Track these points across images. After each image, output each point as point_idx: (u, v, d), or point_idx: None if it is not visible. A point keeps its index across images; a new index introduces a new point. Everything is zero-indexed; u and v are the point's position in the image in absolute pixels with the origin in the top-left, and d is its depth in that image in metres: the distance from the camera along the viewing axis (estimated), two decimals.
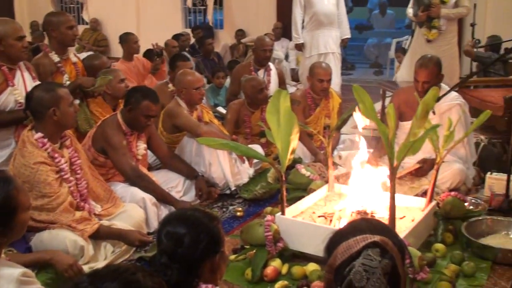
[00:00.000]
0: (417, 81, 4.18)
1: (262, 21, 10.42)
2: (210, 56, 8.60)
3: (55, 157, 3.16)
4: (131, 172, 3.80)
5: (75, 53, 4.77)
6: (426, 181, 4.11)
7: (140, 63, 6.53)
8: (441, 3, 6.21)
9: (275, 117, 3.07)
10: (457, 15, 6.31)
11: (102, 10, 12.24)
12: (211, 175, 4.29)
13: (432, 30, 6.35)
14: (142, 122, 3.85)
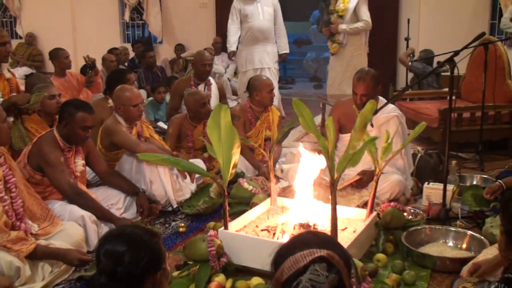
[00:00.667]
0: (356, 94, 4.27)
1: (201, 36, 10.44)
2: (153, 69, 8.52)
3: None
4: (69, 190, 3.70)
5: (9, 68, 4.63)
6: (366, 193, 4.18)
7: (73, 78, 6.38)
8: (338, 18, 6.57)
9: (216, 132, 3.06)
10: (354, 30, 6.64)
11: (37, 24, 11.96)
12: (152, 192, 4.23)
13: (333, 44, 6.79)
14: (81, 134, 3.77)
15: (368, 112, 3.08)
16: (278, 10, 7.15)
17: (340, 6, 6.59)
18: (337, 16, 6.61)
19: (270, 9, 7.04)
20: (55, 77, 6.27)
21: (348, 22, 6.59)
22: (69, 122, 3.73)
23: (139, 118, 4.51)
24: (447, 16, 8.41)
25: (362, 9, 6.61)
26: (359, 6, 6.59)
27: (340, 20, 6.61)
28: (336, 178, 2.98)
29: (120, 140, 4.32)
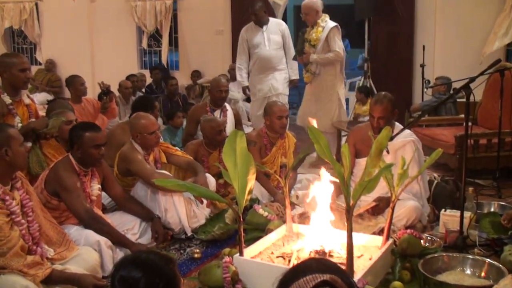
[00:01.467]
0: (373, 117, 4.29)
1: (217, 62, 10.52)
2: (174, 97, 8.57)
3: (6, 200, 3.08)
4: (85, 215, 3.72)
5: (28, 94, 4.70)
6: (382, 219, 4.15)
7: (89, 104, 6.44)
8: (311, 48, 6.47)
9: (232, 158, 3.08)
10: (325, 60, 6.46)
11: (56, 51, 12.16)
12: (167, 220, 4.24)
13: (307, 73, 6.68)
14: (94, 154, 3.79)
15: (383, 139, 3.08)
16: (287, 37, 7.14)
17: (313, 36, 6.47)
18: (310, 46, 6.51)
19: (277, 37, 7.02)
20: (72, 103, 6.33)
21: (319, 52, 6.43)
22: (80, 144, 3.77)
23: (156, 144, 4.54)
24: (462, 42, 8.40)
25: (334, 39, 6.41)
26: (330, 36, 6.40)
27: (312, 49, 6.48)
28: (352, 205, 2.97)
29: (136, 170, 4.34)
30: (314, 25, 6.49)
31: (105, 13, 11.53)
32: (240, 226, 3.17)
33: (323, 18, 6.49)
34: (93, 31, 11.76)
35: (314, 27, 6.48)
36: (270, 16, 7.33)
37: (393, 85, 8.48)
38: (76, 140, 3.79)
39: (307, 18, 6.54)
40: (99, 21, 11.66)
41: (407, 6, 8.77)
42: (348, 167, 2.99)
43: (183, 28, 10.99)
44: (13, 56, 4.54)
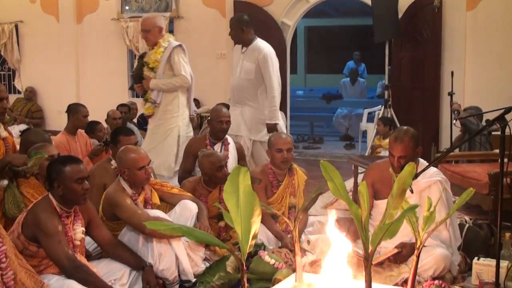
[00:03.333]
0: (393, 156, 4.27)
1: (218, 90, 10.58)
2: None
3: None
4: (67, 263, 3.70)
5: (5, 126, 4.73)
6: (406, 268, 4.12)
7: (83, 140, 6.52)
8: (150, 72, 6.14)
9: (234, 198, 3.07)
10: (169, 86, 6.15)
11: (37, 78, 12.28)
12: (159, 268, 4.19)
13: (146, 103, 6.30)
14: (77, 189, 3.78)
15: (407, 176, 3.08)
16: (264, 69, 6.42)
17: (151, 57, 6.15)
18: (148, 69, 6.17)
19: (249, 65, 6.45)
20: (65, 133, 6.44)
21: (160, 76, 6.13)
22: (60, 181, 3.76)
23: (146, 182, 4.54)
24: (496, 69, 8.46)
25: (179, 61, 6.15)
26: (174, 58, 6.14)
27: (151, 74, 6.15)
28: (371, 252, 2.96)
29: (123, 216, 4.31)
30: (154, 46, 6.21)
31: (93, 35, 11.70)
32: (243, 276, 3.15)
33: (166, 38, 6.24)
34: (79, 55, 11.90)
35: (154, 48, 6.21)
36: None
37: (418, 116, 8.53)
38: (56, 176, 3.78)
39: (148, 36, 6.20)
40: (86, 44, 11.81)
41: (433, 28, 8.85)
42: (366, 208, 2.99)
43: None
44: None
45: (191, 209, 4.60)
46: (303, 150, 10.72)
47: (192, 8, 10.85)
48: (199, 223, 4.54)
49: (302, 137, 11.93)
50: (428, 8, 8.77)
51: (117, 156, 4.59)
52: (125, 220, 4.33)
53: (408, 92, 9.17)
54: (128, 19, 11.23)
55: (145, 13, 11.13)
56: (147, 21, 6.16)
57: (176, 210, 4.60)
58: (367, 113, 10.41)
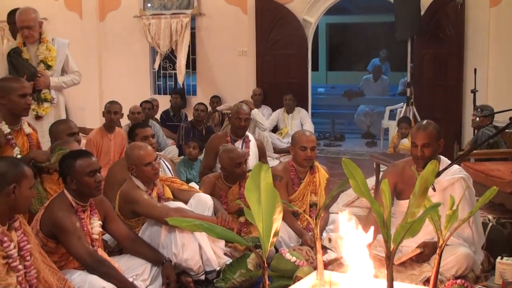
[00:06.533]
0: (416, 146, 4.26)
1: (240, 87, 10.61)
2: (200, 126, 8.54)
3: (4, 241, 3.10)
4: (89, 258, 3.72)
5: (29, 122, 4.77)
6: (428, 267, 4.09)
7: (119, 138, 6.64)
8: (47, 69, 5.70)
9: (255, 195, 3.06)
10: (70, 84, 5.92)
11: None
12: (183, 258, 4.21)
13: (44, 104, 5.68)
14: (90, 182, 3.80)
15: (429, 175, 3.05)
16: None
17: (47, 54, 5.70)
18: (46, 67, 5.68)
19: None
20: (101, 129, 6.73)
21: (58, 74, 5.77)
22: (72, 175, 3.79)
23: (155, 177, 4.56)
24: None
25: (72, 58, 5.95)
26: (68, 56, 5.91)
27: (49, 72, 5.68)
28: (393, 250, 2.93)
29: (144, 212, 4.35)
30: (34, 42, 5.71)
31: (115, 32, 11.76)
32: (264, 273, 3.14)
33: (45, 33, 5.84)
34: (102, 52, 11.97)
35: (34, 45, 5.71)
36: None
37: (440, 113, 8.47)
38: (68, 171, 3.81)
39: (31, 33, 5.64)
40: (108, 42, 11.88)
41: (456, 25, 8.78)
42: (389, 206, 2.96)
43: (202, 49, 11.13)
44: (12, 81, 4.62)
45: (207, 202, 4.61)
46: (324, 147, 10.68)
47: (214, 6, 10.87)
48: (219, 214, 4.55)
49: (324, 134, 11.89)
50: (451, 5, 8.69)
51: (125, 153, 4.62)
52: (146, 214, 4.34)
53: (431, 89, 9.11)
54: (150, 17, 11.27)
55: (167, 10, 11.18)
56: (29, 17, 5.64)
57: (192, 203, 4.61)
58: (389, 111, 10.34)
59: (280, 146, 9.34)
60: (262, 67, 10.46)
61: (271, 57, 10.38)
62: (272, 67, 10.42)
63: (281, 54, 10.29)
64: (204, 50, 11.13)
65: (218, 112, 9.98)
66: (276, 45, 10.30)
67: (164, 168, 5.41)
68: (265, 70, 10.45)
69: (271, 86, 10.36)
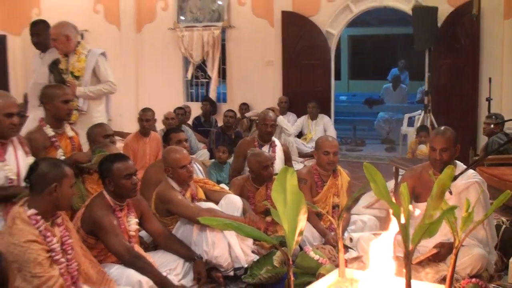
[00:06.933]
0: (434, 150, 4.25)
1: (267, 95, 10.61)
2: (229, 131, 8.61)
3: (47, 236, 3.16)
4: (126, 253, 3.76)
5: (72, 126, 4.84)
6: (444, 267, 4.06)
7: (155, 142, 6.69)
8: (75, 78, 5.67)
9: (282, 196, 3.07)
10: (98, 93, 5.73)
11: None
12: (214, 255, 4.24)
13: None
14: (127, 185, 3.85)
15: (446, 179, 3.02)
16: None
17: (76, 65, 5.69)
18: (73, 77, 5.67)
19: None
20: (138, 133, 6.81)
21: (87, 84, 5.67)
22: (110, 177, 3.84)
23: (189, 179, 4.59)
24: None
25: (105, 68, 5.79)
26: (99, 65, 5.76)
27: (77, 81, 5.64)
28: (411, 250, 2.92)
29: (178, 211, 4.39)
30: (68, 54, 5.73)
31: (151, 43, 11.84)
32: (289, 270, 3.14)
33: (83, 45, 5.84)
34: (138, 62, 12.07)
35: (70, 56, 5.73)
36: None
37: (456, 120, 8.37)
38: (106, 174, 3.86)
39: (55, 45, 5.74)
40: (145, 52, 11.97)
41: (471, 36, 8.69)
42: (407, 208, 2.95)
43: (232, 59, 11.16)
44: (56, 88, 4.70)
45: (236, 202, 4.64)
46: (346, 152, 10.63)
47: (243, 18, 10.89)
48: (247, 214, 4.57)
49: (345, 140, 11.84)
50: (466, 17, 8.60)
51: (162, 156, 4.67)
52: (179, 213, 4.38)
53: (447, 97, 9.02)
54: (184, 29, 11.33)
55: (199, 23, 11.24)
56: (54, 30, 5.74)
57: (222, 203, 4.63)
58: (407, 118, 10.27)
59: (304, 151, 9.34)
60: (287, 76, 10.46)
61: (296, 67, 10.38)
62: (297, 76, 10.41)
63: (305, 64, 10.28)
64: (233, 60, 11.16)
65: (247, 118, 10.00)
66: (301, 55, 10.29)
67: (196, 170, 5.44)
68: (291, 79, 10.45)
69: (296, 94, 10.35)
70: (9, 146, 3.89)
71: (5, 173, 3.79)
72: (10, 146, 3.89)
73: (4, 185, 3.78)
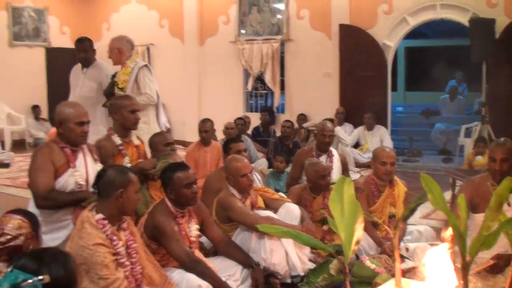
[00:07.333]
0: (494, 160, 4.17)
1: (324, 106, 10.57)
2: (287, 141, 8.61)
3: (113, 240, 3.22)
4: (186, 258, 3.79)
5: (138, 135, 4.94)
6: (502, 279, 3.93)
7: (215, 151, 6.74)
8: (119, 91, 5.79)
9: (339, 205, 3.04)
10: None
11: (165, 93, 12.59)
12: (272, 262, 4.23)
13: None
14: (187, 194, 3.88)
15: (504, 190, 2.93)
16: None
17: (120, 77, 5.83)
18: (118, 89, 5.80)
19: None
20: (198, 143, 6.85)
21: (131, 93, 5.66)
22: (172, 186, 3.87)
23: (250, 188, 4.60)
24: None
25: (144, 80, 5.78)
26: (140, 78, 5.78)
27: (121, 93, 5.75)
28: (469, 261, 2.84)
29: (237, 218, 4.39)
30: (122, 66, 5.93)
31: (214, 56, 12.00)
32: (346, 278, 3.10)
33: (132, 59, 5.93)
34: (200, 74, 12.25)
35: (122, 68, 5.92)
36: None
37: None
38: (168, 182, 3.90)
39: (110, 56, 6.02)
40: (207, 64, 12.14)
41: None
42: (465, 219, 2.87)
43: (290, 71, 11.18)
44: (123, 98, 4.81)
45: (295, 211, 4.62)
46: (402, 163, 10.45)
47: (301, 32, 10.91)
48: (304, 223, 4.54)
49: (402, 150, 11.64)
50: None
51: (224, 164, 4.69)
52: (239, 221, 4.39)
53: (505, 109, 8.78)
54: (244, 42, 11.43)
55: (259, 36, 11.31)
56: (110, 43, 6.02)
57: (281, 212, 4.62)
58: (464, 129, 10.03)
59: (360, 161, 9.26)
60: (344, 87, 10.41)
61: (353, 78, 10.31)
62: (354, 88, 10.34)
63: (362, 75, 10.21)
64: (291, 72, 11.18)
65: (304, 129, 9.98)
66: (357, 67, 10.22)
67: (255, 179, 5.45)
68: (348, 90, 10.38)
69: (353, 105, 10.28)
70: (79, 153, 3.99)
71: (75, 179, 3.89)
72: (80, 153, 4.00)
73: (74, 190, 3.89)
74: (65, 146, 3.90)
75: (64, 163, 3.87)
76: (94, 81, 6.20)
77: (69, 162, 3.89)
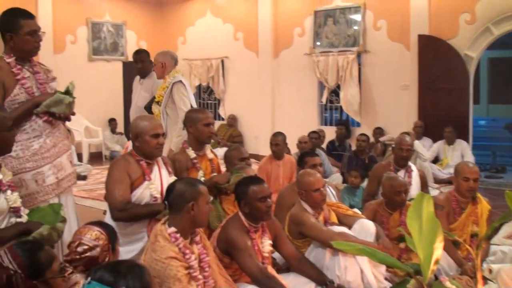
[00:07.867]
0: None
1: (402, 119, 10.39)
2: (362, 155, 8.53)
3: (186, 253, 3.26)
4: (259, 274, 3.78)
5: (211, 149, 5.00)
6: None
7: (288, 165, 6.74)
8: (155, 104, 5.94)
9: (417, 223, 2.97)
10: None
11: (238, 106, 12.90)
12: (346, 280, 4.16)
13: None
14: (261, 207, 3.86)
15: None
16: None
17: (158, 92, 6.00)
18: (155, 103, 6.00)
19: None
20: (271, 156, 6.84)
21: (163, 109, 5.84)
22: (246, 200, 3.87)
23: (322, 203, 4.55)
24: None
25: (178, 95, 5.77)
26: (174, 92, 5.80)
27: (157, 107, 5.93)
28: None
29: (311, 234, 4.35)
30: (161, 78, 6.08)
31: (288, 68, 12.04)
32: None
33: (171, 74, 5.97)
34: (274, 87, 12.31)
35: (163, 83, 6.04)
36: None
37: None
38: (242, 196, 3.90)
39: (155, 69, 6.23)
40: (281, 77, 12.19)
41: None
42: None
43: (366, 83, 11.07)
44: (198, 112, 4.89)
45: (370, 228, 4.54)
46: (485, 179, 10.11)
47: (378, 43, 10.78)
48: (380, 240, 4.46)
49: (484, 166, 11.28)
50: None
51: (296, 179, 4.68)
52: (312, 236, 4.35)
53: None
54: (319, 54, 11.41)
55: (334, 48, 11.26)
56: (155, 57, 6.17)
57: (356, 228, 4.55)
58: None
59: (440, 177, 9.04)
60: (423, 100, 10.19)
61: (432, 90, 10.08)
62: (433, 100, 10.11)
63: (442, 87, 9.97)
64: (368, 84, 11.05)
65: (381, 143, 9.85)
66: (437, 79, 9.99)
67: (329, 194, 5.41)
68: (426, 103, 10.16)
69: (432, 118, 10.05)
70: (154, 166, 4.07)
71: (150, 191, 3.97)
72: (155, 166, 4.07)
73: (149, 202, 3.97)
74: (141, 159, 3.99)
75: (140, 176, 3.95)
76: (147, 91, 6.53)
77: (145, 174, 3.97)
